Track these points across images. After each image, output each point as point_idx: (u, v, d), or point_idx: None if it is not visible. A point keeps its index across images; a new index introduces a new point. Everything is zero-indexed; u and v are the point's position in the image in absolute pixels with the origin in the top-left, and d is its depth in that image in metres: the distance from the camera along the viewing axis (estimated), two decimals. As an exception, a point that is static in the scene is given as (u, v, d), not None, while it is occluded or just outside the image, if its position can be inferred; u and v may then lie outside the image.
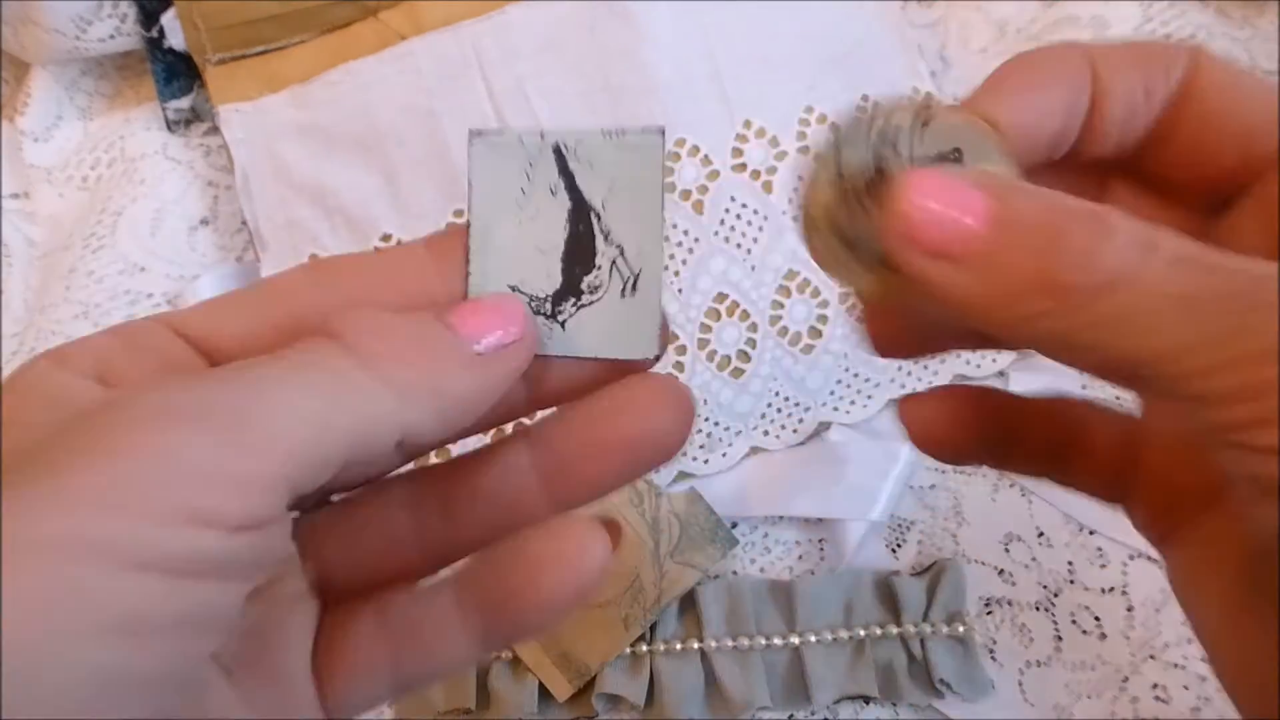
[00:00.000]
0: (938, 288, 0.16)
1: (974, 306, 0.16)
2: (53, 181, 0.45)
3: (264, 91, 0.42)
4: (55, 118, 0.46)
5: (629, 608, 0.36)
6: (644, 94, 0.40)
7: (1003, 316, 0.15)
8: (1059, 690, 0.36)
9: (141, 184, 0.43)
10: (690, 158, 0.40)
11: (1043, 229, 0.15)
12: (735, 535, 0.38)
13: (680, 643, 0.36)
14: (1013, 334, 0.16)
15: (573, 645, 0.36)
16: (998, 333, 0.16)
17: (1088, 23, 0.44)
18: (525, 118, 0.40)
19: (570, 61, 0.40)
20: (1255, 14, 0.44)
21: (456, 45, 0.41)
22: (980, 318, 0.16)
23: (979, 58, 0.47)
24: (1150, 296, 0.15)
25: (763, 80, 0.42)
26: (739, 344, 0.40)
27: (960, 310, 0.16)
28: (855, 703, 0.36)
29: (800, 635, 0.36)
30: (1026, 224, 0.15)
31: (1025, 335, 0.16)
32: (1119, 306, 0.15)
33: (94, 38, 0.43)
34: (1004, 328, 0.16)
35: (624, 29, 0.40)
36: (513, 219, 0.20)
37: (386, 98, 0.41)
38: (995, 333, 0.16)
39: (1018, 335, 0.16)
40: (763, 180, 0.41)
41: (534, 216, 0.20)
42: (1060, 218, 0.15)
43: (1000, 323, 0.16)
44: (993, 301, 0.15)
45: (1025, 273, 0.15)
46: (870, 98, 0.44)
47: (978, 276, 0.15)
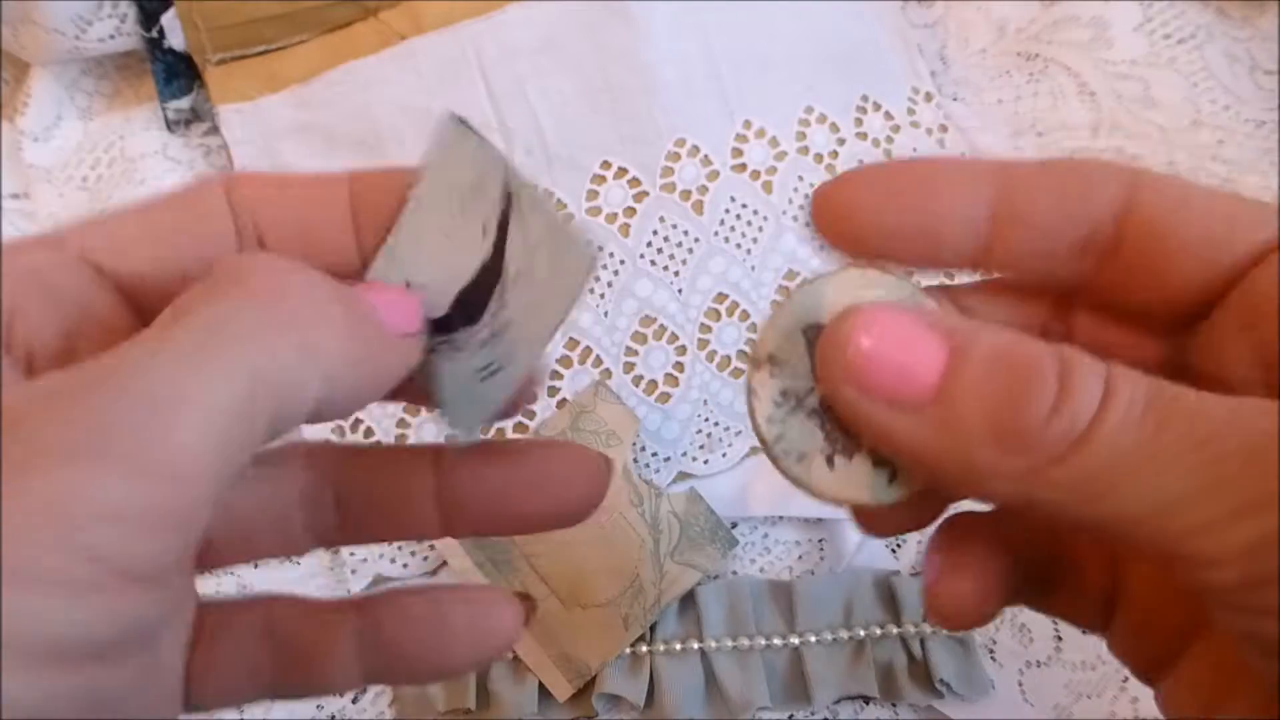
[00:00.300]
0: (887, 436, 0.15)
1: (927, 458, 0.15)
2: (53, 181, 0.45)
3: (264, 91, 0.42)
4: (55, 118, 0.46)
5: (629, 608, 0.36)
6: (644, 94, 0.40)
7: (955, 471, 0.14)
8: (1059, 690, 0.36)
9: (141, 184, 0.43)
10: (690, 158, 0.40)
11: (1001, 375, 0.14)
12: (735, 535, 0.38)
13: (680, 643, 0.36)
14: (971, 490, 0.15)
15: (573, 645, 0.36)
16: (954, 488, 0.15)
17: (1088, 23, 0.44)
18: (525, 118, 0.40)
19: (570, 61, 0.40)
20: (1255, 14, 0.44)
21: (456, 45, 0.41)
22: (932, 469, 0.15)
23: (979, 58, 0.47)
24: (1116, 453, 0.13)
25: (763, 80, 0.42)
26: (739, 344, 0.40)
27: (912, 462, 0.15)
28: (855, 703, 0.36)
29: (800, 635, 0.36)
30: (984, 370, 0.14)
31: (984, 492, 0.15)
32: (1083, 468, 0.14)
33: (94, 38, 0.43)
34: (955, 483, 0.15)
35: (624, 29, 0.40)
36: (443, 222, 0.18)
37: (386, 98, 0.41)
38: (951, 488, 0.15)
39: (976, 491, 0.15)
40: (762, 180, 0.41)
41: (459, 233, 0.18)
42: (1020, 363, 0.14)
43: (953, 477, 0.15)
44: (947, 455, 0.14)
45: (980, 424, 0.14)
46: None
47: (932, 427, 0.14)
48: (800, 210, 0.41)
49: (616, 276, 0.40)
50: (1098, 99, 0.44)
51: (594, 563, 0.37)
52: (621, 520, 0.37)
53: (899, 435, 0.15)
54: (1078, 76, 0.44)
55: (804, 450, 0.16)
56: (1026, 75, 0.45)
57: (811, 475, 0.16)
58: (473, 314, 0.18)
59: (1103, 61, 0.44)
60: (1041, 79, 0.45)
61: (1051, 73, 0.45)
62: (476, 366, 0.18)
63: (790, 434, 0.16)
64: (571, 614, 0.36)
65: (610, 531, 0.37)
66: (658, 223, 0.40)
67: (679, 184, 0.40)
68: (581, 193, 0.40)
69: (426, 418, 0.39)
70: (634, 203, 0.40)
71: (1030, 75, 0.45)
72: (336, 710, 0.37)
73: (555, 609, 0.36)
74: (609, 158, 0.40)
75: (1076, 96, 0.44)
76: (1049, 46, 0.45)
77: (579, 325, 0.40)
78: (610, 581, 0.36)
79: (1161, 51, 0.43)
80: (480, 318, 0.18)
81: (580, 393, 0.39)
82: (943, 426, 0.14)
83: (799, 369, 0.16)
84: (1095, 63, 0.44)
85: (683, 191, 0.40)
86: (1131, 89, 0.43)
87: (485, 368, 0.18)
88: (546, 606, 0.36)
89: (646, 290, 0.40)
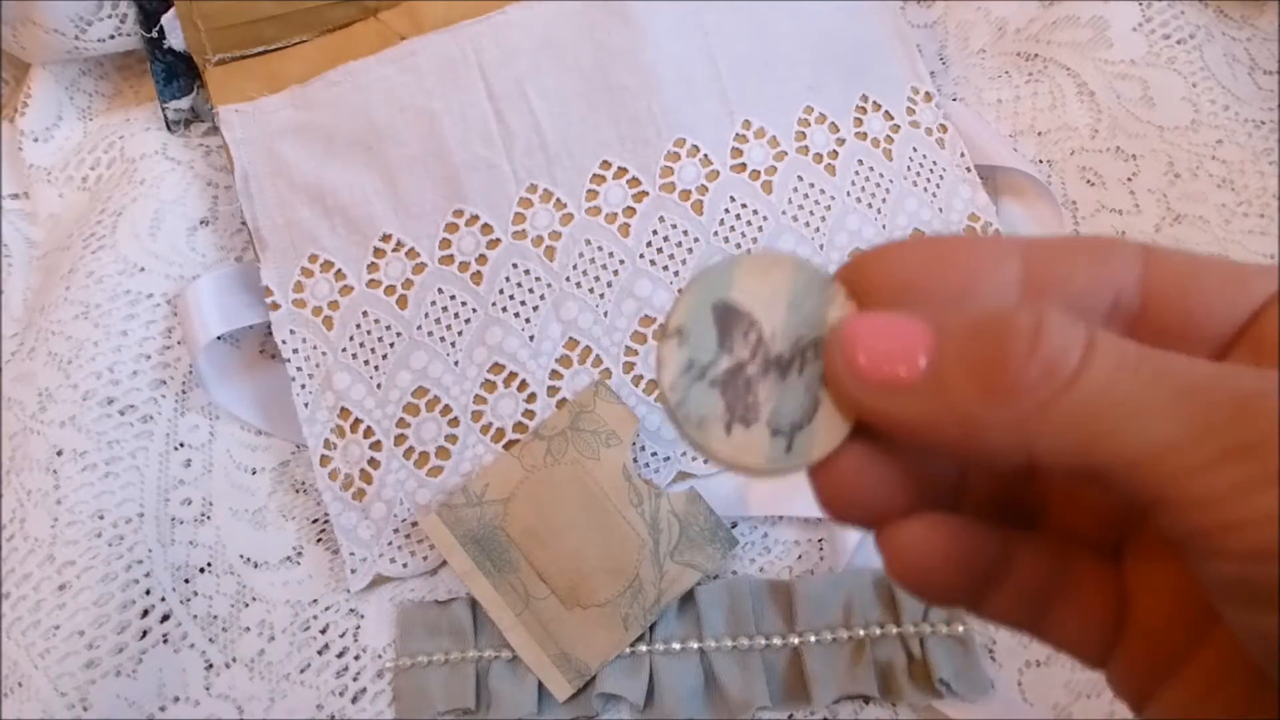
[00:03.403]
0: (891, 420, 0.16)
1: (930, 429, 0.16)
2: (53, 181, 0.45)
3: (264, 91, 0.42)
4: (55, 118, 0.46)
5: (629, 608, 0.36)
6: (644, 94, 0.40)
7: (956, 434, 0.16)
8: (1059, 690, 0.36)
9: (141, 184, 0.43)
10: (690, 158, 0.40)
11: (981, 339, 0.15)
12: (735, 535, 0.38)
13: (680, 643, 0.36)
14: (968, 449, 0.16)
15: (573, 645, 0.36)
16: (955, 452, 0.16)
17: (1087, 23, 0.44)
18: (525, 117, 0.40)
19: (570, 61, 0.40)
20: (1255, 14, 0.44)
21: (456, 45, 0.41)
22: (937, 439, 0.16)
23: (978, 58, 0.47)
24: (1109, 401, 0.14)
25: (763, 80, 0.42)
26: (739, 344, 0.40)
27: (918, 437, 0.16)
28: (855, 703, 0.36)
29: (800, 635, 0.36)
30: (965, 339, 0.16)
31: (986, 448, 0.16)
32: (1074, 413, 0.15)
33: (94, 38, 0.43)
34: (960, 445, 0.16)
35: (623, 29, 0.40)
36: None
37: (386, 98, 0.41)
38: (953, 452, 0.16)
39: (973, 450, 0.16)
40: (762, 180, 0.41)
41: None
42: (996, 324, 0.15)
43: (956, 441, 0.16)
44: (946, 420, 0.16)
45: (968, 386, 0.15)
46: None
47: (928, 399, 0.16)
48: (799, 210, 0.41)
49: (616, 276, 0.40)
50: (1097, 99, 0.44)
51: (594, 563, 0.37)
52: (621, 520, 0.37)
53: (905, 416, 0.16)
54: (1077, 76, 0.44)
55: (704, 416, 0.17)
56: (1026, 75, 0.45)
57: (710, 439, 0.17)
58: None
59: (1102, 61, 0.44)
60: (1041, 79, 0.45)
61: (1051, 73, 0.45)
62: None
63: (692, 400, 0.17)
64: (571, 614, 0.36)
65: (610, 531, 0.37)
66: (658, 223, 0.40)
67: (679, 184, 0.40)
68: (581, 193, 0.40)
69: (427, 417, 0.39)
70: (634, 203, 0.40)
71: (1030, 75, 0.45)
72: (336, 710, 0.37)
73: (555, 609, 0.36)
74: (609, 158, 0.40)
75: (1076, 96, 0.44)
76: (1048, 46, 0.45)
77: (578, 325, 0.40)
78: (610, 581, 0.36)
79: (1161, 51, 0.43)
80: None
81: (580, 393, 0.39)
82: (937, 397, 0.16)
83: (705, 342, 0.17)
84: (1095, 63, 0.44)
85: (682, 191, 0.40)
86: (1131, 89, 0.43)
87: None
88: (546, 606, 0.36)
89: (646, 290, 0.40)
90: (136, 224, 0.42)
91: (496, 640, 0.37)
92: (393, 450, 0.39)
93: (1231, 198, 0.41)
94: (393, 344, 0.40)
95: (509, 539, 0.37)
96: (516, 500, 0.37)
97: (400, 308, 0.40)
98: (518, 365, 0.39)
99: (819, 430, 0.17)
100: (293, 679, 0.37)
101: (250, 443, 0.41)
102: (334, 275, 0.40)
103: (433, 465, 0.39)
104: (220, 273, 0.41)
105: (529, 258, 0.40)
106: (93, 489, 0.37)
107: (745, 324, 0.17)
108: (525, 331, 0.39)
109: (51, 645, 0.35)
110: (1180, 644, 0.18)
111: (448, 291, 0.40)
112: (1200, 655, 0.17)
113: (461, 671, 0.36)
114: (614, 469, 0.37)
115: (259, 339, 0.43)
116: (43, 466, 0.37)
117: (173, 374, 0.40)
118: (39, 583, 0.36)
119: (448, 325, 0.40)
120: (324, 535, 0.40)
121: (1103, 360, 0.15)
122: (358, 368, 0.40)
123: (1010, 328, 0.15)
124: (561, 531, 0.37)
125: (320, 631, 0.38)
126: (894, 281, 0.17)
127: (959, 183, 0.44)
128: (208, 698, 0.37)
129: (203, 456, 0.40)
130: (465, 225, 0.40)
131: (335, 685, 0.37)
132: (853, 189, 0.42)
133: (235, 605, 0.38)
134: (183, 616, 0.37)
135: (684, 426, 0.17)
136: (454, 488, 0.39)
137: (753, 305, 0.18)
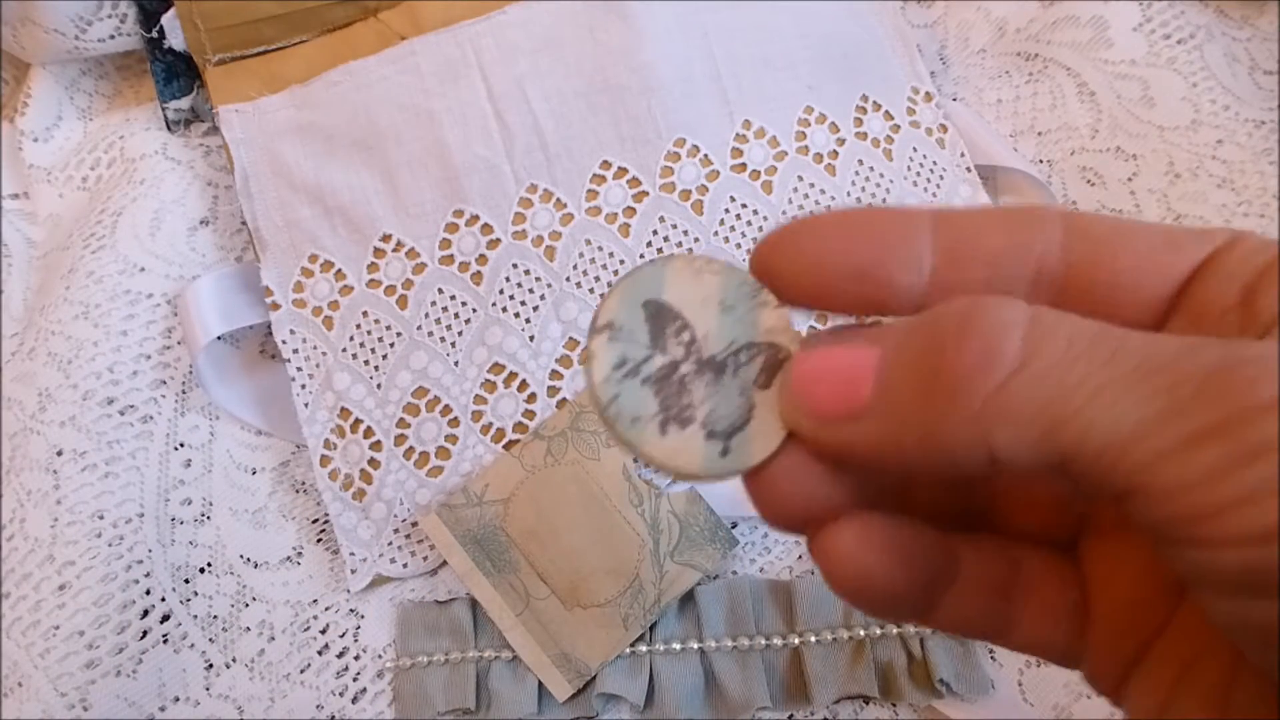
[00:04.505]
0: (855, 449, 0.15)
1: (892, 451, 0.15)
2: (53, 181, 0.45)
3: (264, 92, 0.42)
4: (55, 118, 0.46)
5: (629, 608, 0.36)
6: (644, 94, 0.40)
7: (917, 451, 0.15)
8: (1059, 690, 0.36)
9: (141, 184, 0.43)
10: (690, 158, 0.40)
11: (917, 346, 0.15)
12: (735, 535, 0.38)
13: (680, 643, 0.36)
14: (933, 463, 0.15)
15: (573, 645, 0.36)
16: (924, 470, 0.15)
17: (1088, 23, 0.44)
18: (525, 118, 0.40)
19: (570, 61, 0.40)
20: (1255, 14, 0.44)
21: (456, 45, 0.41)
22: (902, 459, 0.15)
23: (978, 58, 0.47)
24: (1066, 385, 0.13)
25: (763, 80, 0.42)
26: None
27: (884, 461, 0.15)
28: (855, 703, 0.36)
29: (800, 635, 0.36)
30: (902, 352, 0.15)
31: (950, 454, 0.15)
32: (1028, 398, 0.14)
33: (94, 38, 0.43)
34: (924, 460, 0.15)
35: (623, 29, 0.40)
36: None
37: (386, 98, 0.41)
38: (922, 471, 0.15)
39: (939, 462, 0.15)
40: (762, 180, 0.41)
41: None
42: (928, 327, 0.15)
43: (919, 458, 0.15)
44: (904, 438, 0.15)
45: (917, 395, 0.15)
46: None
47: (882, 421, 0.15)
48: (800, 210, 0.41)
49: (617, 276, 0.40)
50: (1097, 99, 0.44)
51: (594, 563, 0.36)
52: (621, 520, 0.37)
53: (866, 443, 0.15)
54: (1077, 76, 0.44)
55: (637, 414, 0.17)
56: (1026, 75, 0.45)
57: (644, 439, 0.16)
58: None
59: (1102, 61, 0.44)
60: (1041, 79, 0.45)
61: (1051, 73, 0.45)
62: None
63: (625, 397, 0.16)
64: (571, 614, 0.36)
65: (610, 531, 0.37)
66: (658, 223, 0.40)
67: (679, 184, 0.40)
68: (581, 193, 0.40)
69: (427, 417, 0.39)
70: (634, 203, 0.40)
71: (1030, 75, 0.45)
72: (336, 710, 0.37)
73: (555, 609, 0.36)
74: (609, 158, 0.40)
75: (1076, 96, 0.44)
76: (1048, 47, 0.45)
77: (579, 325, 0.40)
78: (610, 581, 0.36)
79: (1161, 51, 0.43)
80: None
81: (580, 393, 0.39)
82: (890, 417, 0.15)
83: (638, 338, 0.17)
84: (1095, 63, 0.44)
85: (683, 191, 0.40)
86: (1131, 89, 0.43)
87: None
88: (546, 606, 0.36)
89: (646, 290, 0.40)
90: (136, 224, 0.42)
91: (496, 640, 0.37)
92: (393, 450, 0.39)
93: (1231, 198, 0.41)
94: (393, 344, 0.40)
95: (509, 539, 0.37)
96: (516, 500, 0.37)
97: (400, 308, 0.40)
98: (518, 365, 0.39)
99: (755, 435, 0.17)
100: (293, 679, 0.37)
101: (250, 443, 0.41)
102: (334, 275, 0.40)
103: (433, 465, 0.39)
104: (220, 273, 0.41)
105: (529, 258, 0.40)
106: (93, 489, 0.37)
107: (678, 324, 0.17)
108: (525, 332, 0.39)
109: (51, 645, 0.35)
110: (1145, 626, 0.17)
111: (448, 291, 0.40)
112: (1169, 635, 0.17)
113: (461, 671, 0.36)
114: (614, 469, 0.37)
115: (259, 339, 0.43)
116: (43, 466, 0.37)
117: (173, 374, 0.40)
118: (39, 583, 0.36)
119: (448, 325, 0.40)
120: (324, 535, 0.40)
121: (1051, 340, 0.14)
122: (358, 368, 0.40)
123: (937, 322, 0.15)
124: (561, 531, 0.37)
125: (320, 631, 0.38)
126: (804, 260, 0.17)
127: (959, 183, 0.44)
128: (208, 698, 0.37)
129: (203, 456, 0.40)
130: (465, 225, 0.40)
131: (335, 685, 0.37)
132: (853, 189, 0.42)
133: (235, 605, 0.38)
134: (183, 616, 0.37)
135: (615, 424, 0.16)
136: (454, 488, 0.39)
137: (684, 306, 0.17)
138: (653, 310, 0.17)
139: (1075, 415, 0.13)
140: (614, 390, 0.16)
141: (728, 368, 0.17)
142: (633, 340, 0.17)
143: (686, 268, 0.17)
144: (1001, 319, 0.14)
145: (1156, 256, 0.16)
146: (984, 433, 0.14)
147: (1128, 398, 0.13)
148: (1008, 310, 0.14)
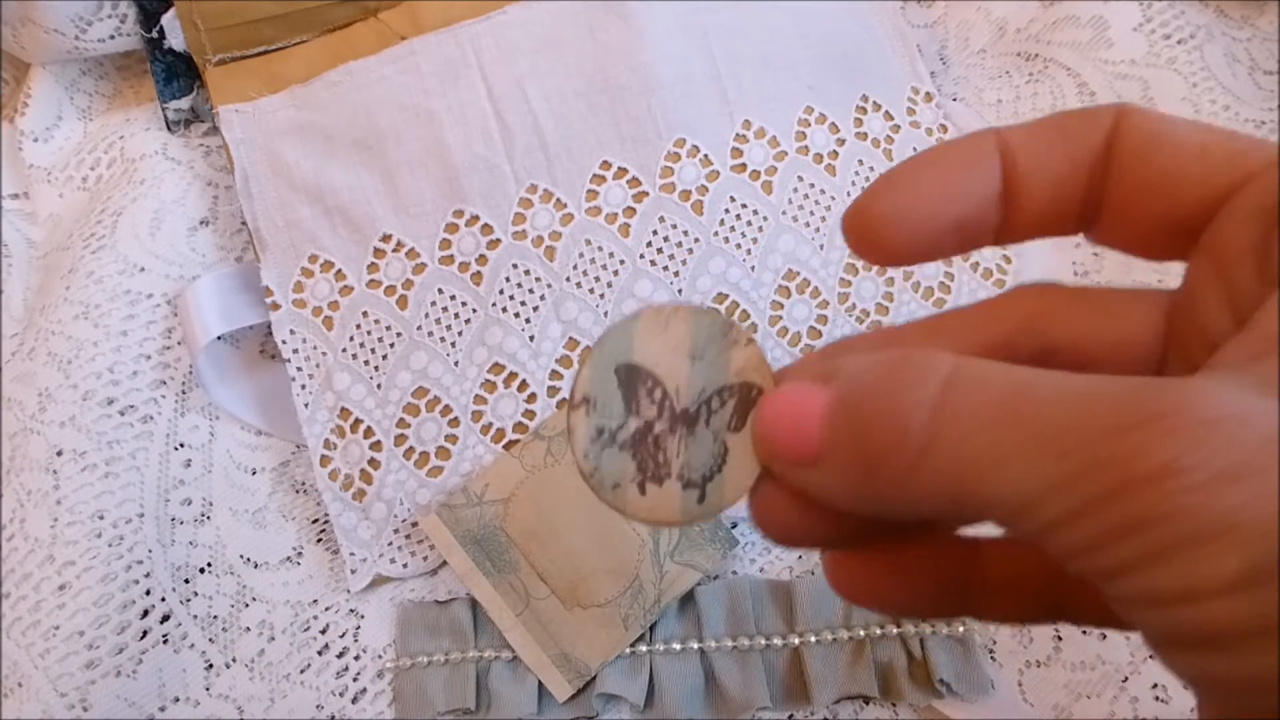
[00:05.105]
0: (806, 492, 0.16)
1: (839, 498, 0.16)
2: (53, 181, 0.45)
3: (264, 92, 0.42)
4: (55, 118, 0.46)
5: (629, 608, 0.36)
6: (644, 94, 0.40)
7: (856, 504, 0.16)
8: (1059, 690, 0.36)
9: (141, 184, 0.43)
10: (690, 158, 0.40)
11: (854, 406, 0.15)
12: (735, 535, 0.38)
13: (680, 643, 0.36)
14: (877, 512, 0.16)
15: (573, 645, 0.36)
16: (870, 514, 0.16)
17: (1088, 23, 0.44)
18: (525, 118, 0.40)
19: (570, 61, 0.40)
20: (1255, 14, 0.44)
21: (456, 45, 0.41)
22: (851, 506, 0.16)
23: (978, 58, 0.47)
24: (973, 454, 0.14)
25: (763, 80, 0.42)
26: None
27: (837, 505, 0.16)
28: (855, 703, 0.36)
29: (800, 635, 0.36)
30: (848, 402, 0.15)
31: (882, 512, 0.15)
32: (940, 470, 0.14)
33: (94, 38, 0.43)
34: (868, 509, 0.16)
35: (624, 29, 0.40)
36: None
37: (386, 98, 0.41)
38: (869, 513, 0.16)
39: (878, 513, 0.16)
40: (762, 180, 0.41)
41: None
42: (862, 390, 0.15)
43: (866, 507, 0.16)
44: (845, 491, 0.16)
45: (853, 458, 0.15)
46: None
47: (824, 473, 0.16)
48: (800, 210, 0.41)
49: (616, 277, 0.40)
50: (1098, 99, 0.44)
51: (594, 563, 0.36)
52: (621, 520, 0.37)
53: (813, 489, 0.16)
54: (1077, 77, 0.44)
55: (618, 479, 0.18)
56: (1026, 75, 0.45)
57: (626, 501, 0.18)
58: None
59: (1102, 61, 0.44)
60: (1041, 79, 0.45)
61: (1051, 73, 0.45)
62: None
63: (605, 466, 0.18)
64: (571, 614, 0.36)
65: (610, 531, 0.37)
66: (658, 223, 0.40)
67: (679, 184, 0.40)
68: (581, 193, 0.40)
69: (427, 417, 0.39)
70: (634, 203, 0.40)
71: (1030, 75, 0.45)
72: (336, 710, 0.37)
73: (555, 609, 0.36)
74: (609, 158, 0.40)
75: (1076, 97, 0.44)
76: (1049, 47, 0.45)
77: (578, 325, 0.40)
78: (610, 581, 0.36)
79: (1161, 51, 0.43)
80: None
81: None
82: (835, 470, 0.16)
83: (612, 407, 0.18)
84: (1095, 63, 0.44)
85: (682, 191, 0.40)
86: (1131, 89, 0.43)
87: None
88: (546, 606, 0.36)
89: (646, 290, 0.40)
90: (136, 224, 0.42)
91: (496, 640, 0.37)
92: (393, 450, 0.39)
93: (1232, 198, 0.41)
94: (393, 344, 0.40)
95: (509, 539, 0.37)
96: (516, 500, 0.37)
97: (400, 308, 0.40)
98: (518, 365, 0.39)
99: (729, 477, 0.18)
100: (293, 679, 0.37)
101: (250, 443, 0.41)
102: (334, 275, 0.40)
103: (433, 465, 0.39)
104: (220, 273, 0.41)
105: (529, 258, 0.40)
106: (93, 489, 0.37)
107: (649, 383, 0.18)
108: (525, 332, 0.39)
109: (51, 645, 0.35)
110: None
111: (448, 291, 0.40)
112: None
113: (461, 671, 0.36)
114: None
115: (259, 339, 0.43)
116: (43, 466, 0.37)
117: (173, 374, 0.40)
118: (39, 583, 0.36)
119: (448, 325, 0.40)
120: (324, 535, 0.40)
121: (956, 415, 0.14)
122: (358, 368, 0.40)
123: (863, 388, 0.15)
124: (561, 531, 0.37)
125: (320, 631, 0.38)
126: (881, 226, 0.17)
127: (959, 183, 0.44)
128: (208, 698, 0.37)
129: (203, 456, 0.40)
130: (465, 225, 0.40)
131: (335, 685, 0.37)
132: (853, 189, 0.42)
133: (235, 605, 0.38)
134: (183, 617, 0.37)
135: (600, 492, 0.18)
136: (454, 488, 0.39)
137: (655, 363, 0.18)
138: (623, 375, 0.18)
139: (979, 487, 0.14)
140: (594, 462, 0.18)
141: (700, 417, 0.18)
142: (606, 411, 0.18)
143: (653, 321, 0.18)
144: (910, 398, 0.15)
145: (1189, 168, 0.16)
146: (912, 498, 0.15)
147: (1024, 469, 0.13)
148: (917, 387, 0.15)
